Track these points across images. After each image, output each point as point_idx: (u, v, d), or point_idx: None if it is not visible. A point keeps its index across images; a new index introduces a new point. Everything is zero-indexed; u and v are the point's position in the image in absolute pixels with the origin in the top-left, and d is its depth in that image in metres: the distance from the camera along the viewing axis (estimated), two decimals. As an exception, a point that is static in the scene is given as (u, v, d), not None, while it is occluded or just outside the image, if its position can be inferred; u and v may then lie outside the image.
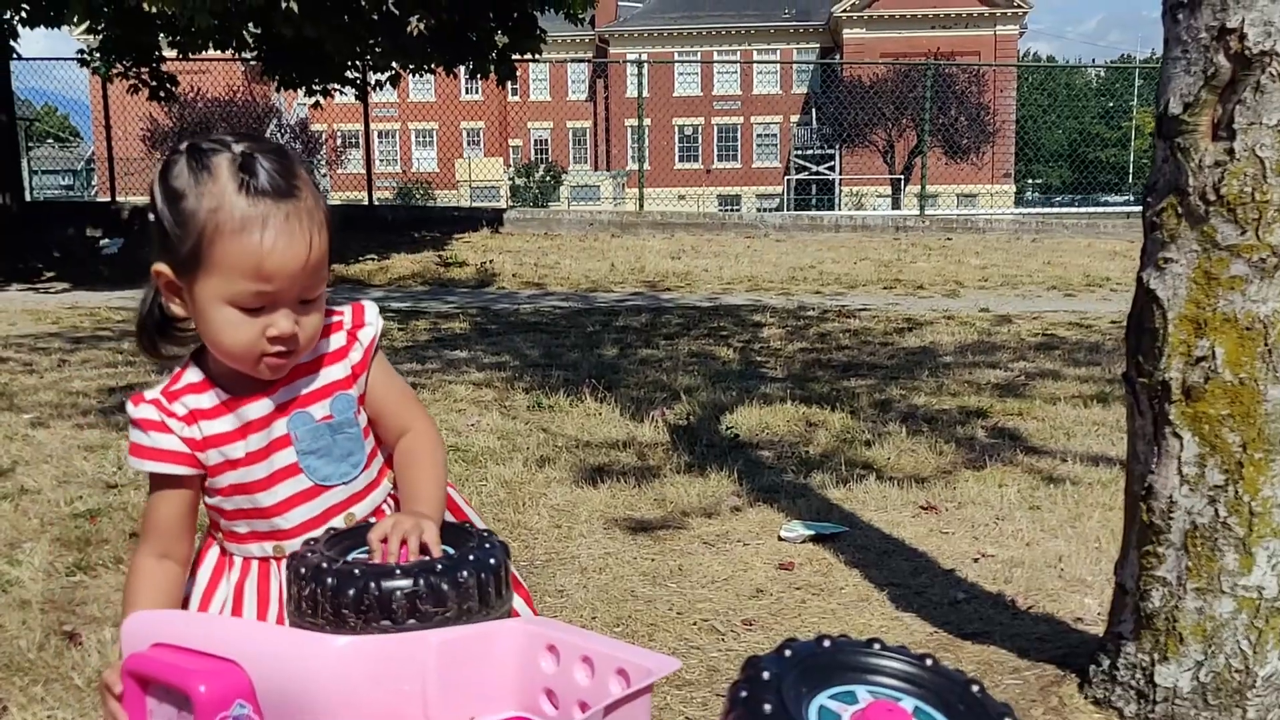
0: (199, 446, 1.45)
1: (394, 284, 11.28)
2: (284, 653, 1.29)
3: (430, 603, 1.36)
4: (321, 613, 1.35)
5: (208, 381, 1.45)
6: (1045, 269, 12.04)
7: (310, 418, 1.47)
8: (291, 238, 1.32)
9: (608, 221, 15.86)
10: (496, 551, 1.47)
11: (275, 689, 1.27)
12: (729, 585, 3.07)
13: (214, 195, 1.31)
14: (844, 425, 4.90)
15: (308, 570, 1.37)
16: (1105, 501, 3.75)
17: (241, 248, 1.31)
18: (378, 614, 1.34)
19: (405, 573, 1.37)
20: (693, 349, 7.03)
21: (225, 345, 1.38)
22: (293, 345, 1.39)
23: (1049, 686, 2.28)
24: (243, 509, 1.48)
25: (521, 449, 4.46)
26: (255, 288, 1.33)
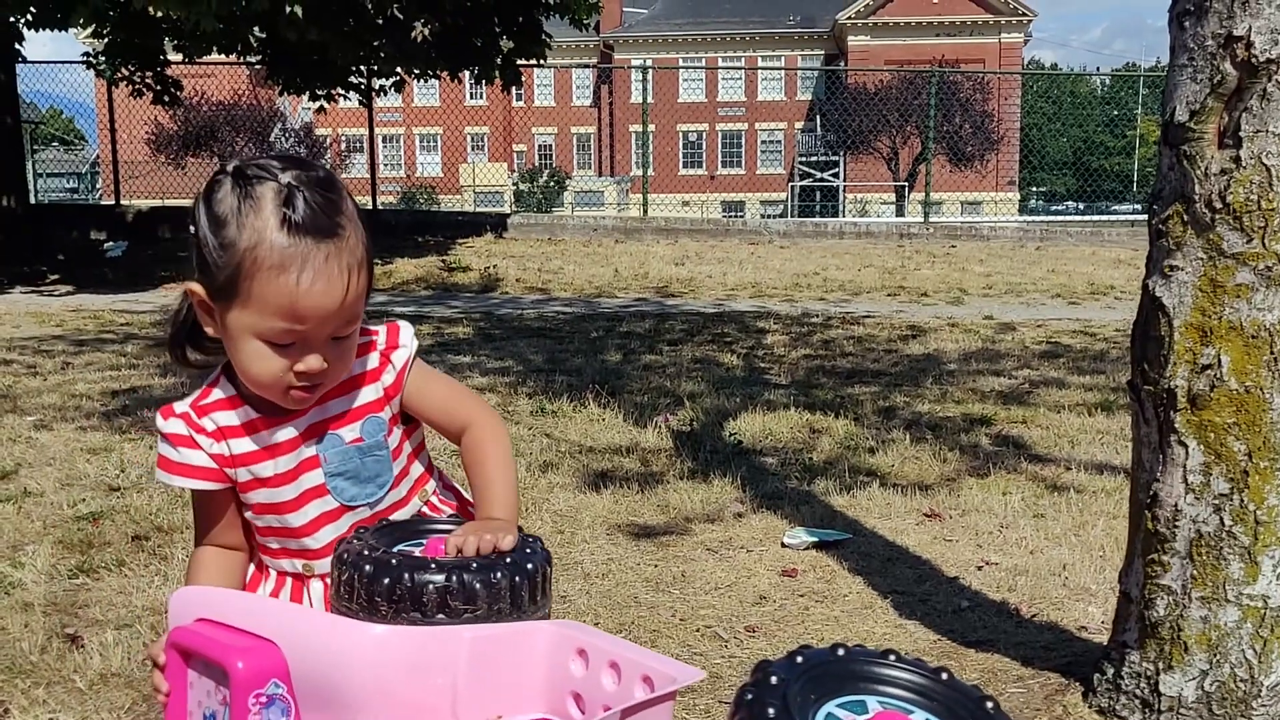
0: (228, 463, 1.45)
1: (397, 289, 11.28)
2: (322, 637, 1.30)
3: (460, 599, 1.37)
4: (357, 599, 1.37)
5: (238, 398, 1.45)
6: (1049, 277, 12.03)
7: (340, 440, 1.47)
8: (329, 281, 1.30)
9: (612, 227, 15.87)
10: (536, 557, 1.48)
11: (310, 671, 1.29)
12: (732, 592, 3.07)
13: (255, 229, 1.29)
14: (848, 432, 4.89)
15: (350, 556, 1.39)
16: (1109, 510, 3.74)
17: (277, 287, 1.29)
18: (409, 605, 1.36)
19: (440, 568, 1.38)
20: (696, 355, 7.02)
21: (252, 375, 1.37)
22: (320, 380, 1.38)
23: (1053, 695, 2.27)
24: (273, 527, 1.49)
25: (525, 454, 4.45)
26: (287, 326, 1.31)
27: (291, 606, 1.45)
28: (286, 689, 1.30)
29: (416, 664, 1.31)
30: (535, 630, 1.40)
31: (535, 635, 1.39)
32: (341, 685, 1.28)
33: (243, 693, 1.27)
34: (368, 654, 1.29)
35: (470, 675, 1.33)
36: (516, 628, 1.40)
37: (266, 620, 1.32)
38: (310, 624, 1.33)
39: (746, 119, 54.49)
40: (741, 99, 54.35)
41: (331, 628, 1.33)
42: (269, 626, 1.31)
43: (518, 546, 1.51)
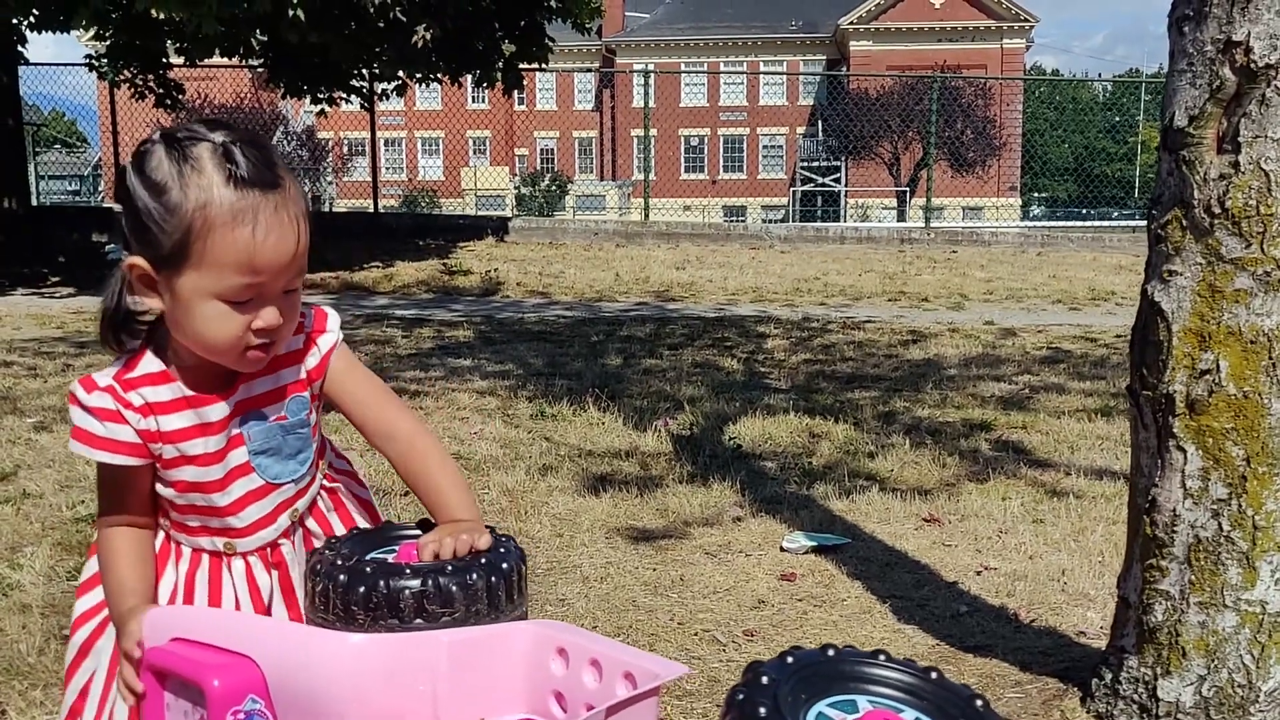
0: (154, 439, 1.42)
1: (399, 291, 11.29)
2: (299, 649, 1.30)
3: (437, 603, 1.37)
4: (333, 609, 1.36)
5: (168, 374, 1.42)
6: (1050, 282, 12.03)
7: (264, 417, 1.46)
8: (282, 230, 1.31)
9: (613, 231, 15.87)
10: (510, 556, 1.47)
11: (289, 684, 1.28)
12: (730, 596, 3.06)
13: (200, 188, 1.29)
14: (847, 437, 4.89)
15: (323, 566, 1.39)
16: (1109, 515, 3.74)
17: (233, 242, 1.29)
18: (386, 612, 1.35)
19: (415, 573, 1.38)
20: (697, 359, 7.02)
21: (209, 339, 1.36)
22: (275, 337, 1.38)
23: (1051, 700, 2.27)
24: (195, 505, 1.47)
25: (524, 457, 4.45)
26: (246, 281, 1.31)
27: (267, 620, 1.44)
28: (265, 704, 1.29)
29: (395, 671, 1.30)
30: (514, 631, 1.40)
31: (514, 636, 1.39)
32: (321, 696, 1.28)
33: (220, 710, 1.26)
34: (346, 664, 1.28)
35: (450, 679, 1.33)
36: (495, 629, 1.39)
37: (242, 635, 1.32)
38: (286, 636, 1.33)
39: (748, 124, 54.53)
40: (743, 104, 54.40)
41: (308, 639, 1.32)
42: (245, 642, 1.31)
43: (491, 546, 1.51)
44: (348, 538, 1.54)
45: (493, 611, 1.42)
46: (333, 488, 1.60)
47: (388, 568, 1.39)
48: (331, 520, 1.58)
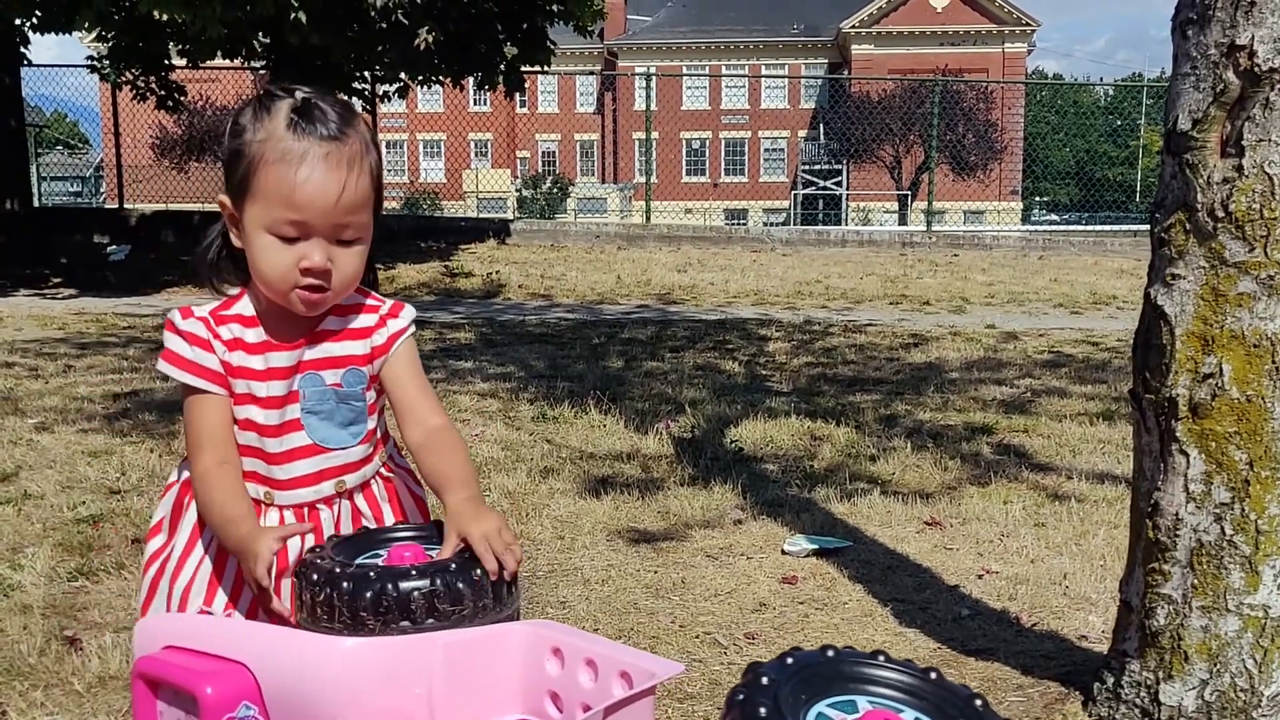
0: (233, 373, 1.51)
1: (400, 294, 11.29)
2: (291, 654, 1.29)
3: (448, 601, 1.37)
4: (339, 617, 1.35)
5: (255, 319, 1.53)
6: (1052, 286, 12.03)
7: (320, 380, 1.55)
8: (326, 175, 1.43)
9: (614, 234, 15.88)
10: None
11: (283, 690, 1.28)
12: (732, 599, 3.06)
13: (266, 130, 1.44)
14: (849, 440, 4.89)
15: (321, 576, 1.38)
16: (1110, 519, 3.74)
17: (278, 177, 1.43)
18: (397, 615, 1.35)
19: (421, 573, 1.38)
20: (698, 362, 7.02)
21: (263, 271, 1.47)
22: (325, 280, 1.47)
23: (1053, 704, 2.27)
24: (251, 446, 1.54)
25: (525, 460, 4.45)
26: (288, 216, 1.43)
27: (259, 626, 1.44)
28: (259, 710, 1.29)
29: (390, 674, 1.30)
30: (509, 632, 1.40)
31: (509, 637, 1.39)
32: (315, 701, 1.28)
33: (213, 717, 1.26)
34: (340, 668, 1.28)
35: (446, 681, 1.33)
36: (490, 630, 1.39)
37: (235, 642, 1.32)
38: (280, 642, 1.32)
39: (750, 127, 54.55)
40: (745, 107, 54.41)
41: (301, 644, 1.32)
42: (238, 648, 1.31)
43: None
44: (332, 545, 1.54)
45: (498, 605, 1.42)
46: (390, 478, 1.66)
47: (392, 571, 1.38)
48: (385, 510, 1.64)
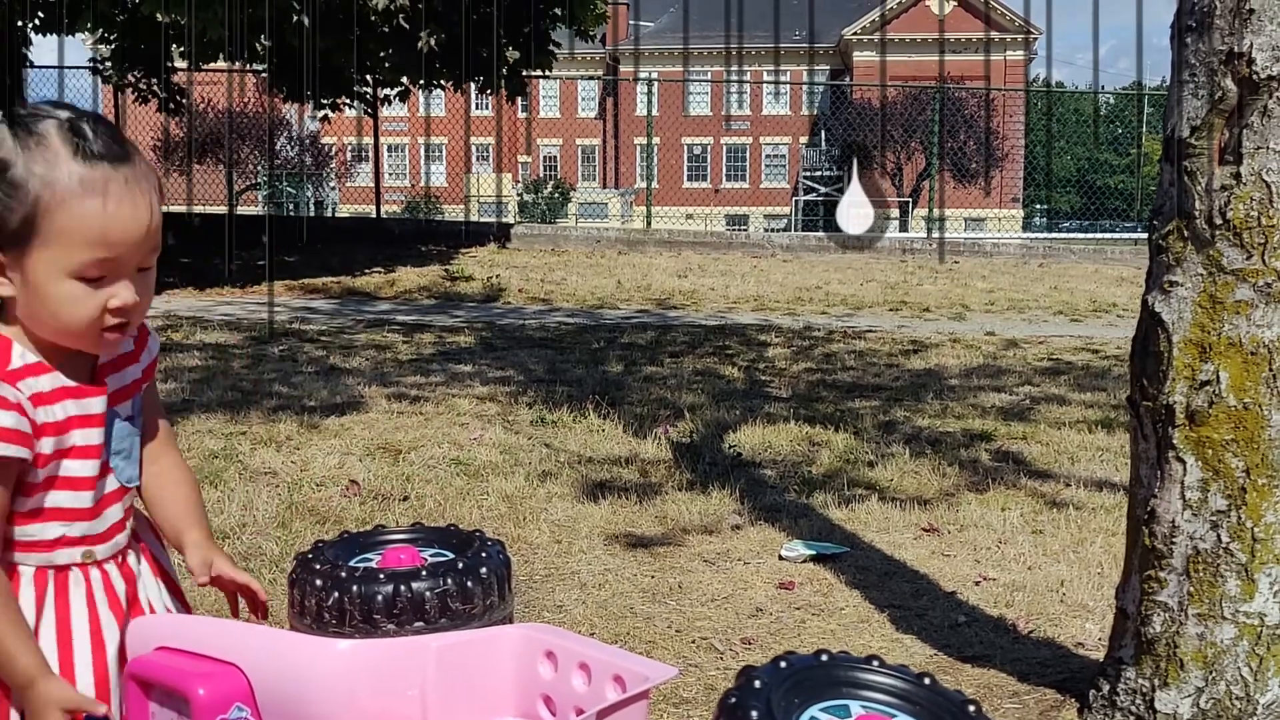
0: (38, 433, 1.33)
1: (400, 297, 11.29)
2: (285, 656, 1.29)
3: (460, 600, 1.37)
4: (350, 620, 1.35)
5: (43, 364, 1.34)
6: (1052, 294, 12.03)
7: (118, 415, 1.41)
8: (135, 203, 1.27)
9: (615, 239, 15.88)
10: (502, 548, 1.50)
11: (276, 691, 1.27)
12: (728, 604, 3.06)
13: (47, 163, 1.24)
14: (847, 446, 4.89)
15: (326, 580, 1.37)
16: (1108, 527, 3.73)
17: (84, 215, 1.25)
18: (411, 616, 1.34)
19: (431, 573, 1.37)
20: (698, 367, 7.02)
21: (65, 320, 1.30)
22: (131, 317, 1.33)
23: (1049, 711, 2.26)
24: (63, 508, 1.37)
25: (524, 464, 4.45)
26: (99, 256, 1.26)
27: (254, 627, 1.41)
28: (251, 711, 1.28)
29: (384, 676, 1.30)
30: (502, 635, 1.39)
31: (502, 640, 1.39)
32: (309, 702, 1.27)
33: (206, 718, 1.26)
34: (334, 669, 1.28)
35: (439, 684, 1.33)
36: (483, 634, 1.39)
37: (228, 643, 1.31)
38: (273, 644, 1.32)
39: (751, 133, 54.59)
40: (747, 113, 54.45)
41: (295, 645, 1.32)
42: (230, 649, 1.30)
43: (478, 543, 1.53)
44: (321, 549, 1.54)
45: (502, 602, 1.43)
46: None
47: (402, 573, 1.38)
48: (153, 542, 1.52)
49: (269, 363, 6.73)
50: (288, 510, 3.70)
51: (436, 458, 4.48)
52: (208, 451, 4.42)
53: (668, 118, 40.25)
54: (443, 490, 4.04)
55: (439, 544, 1.64)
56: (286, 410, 5.21)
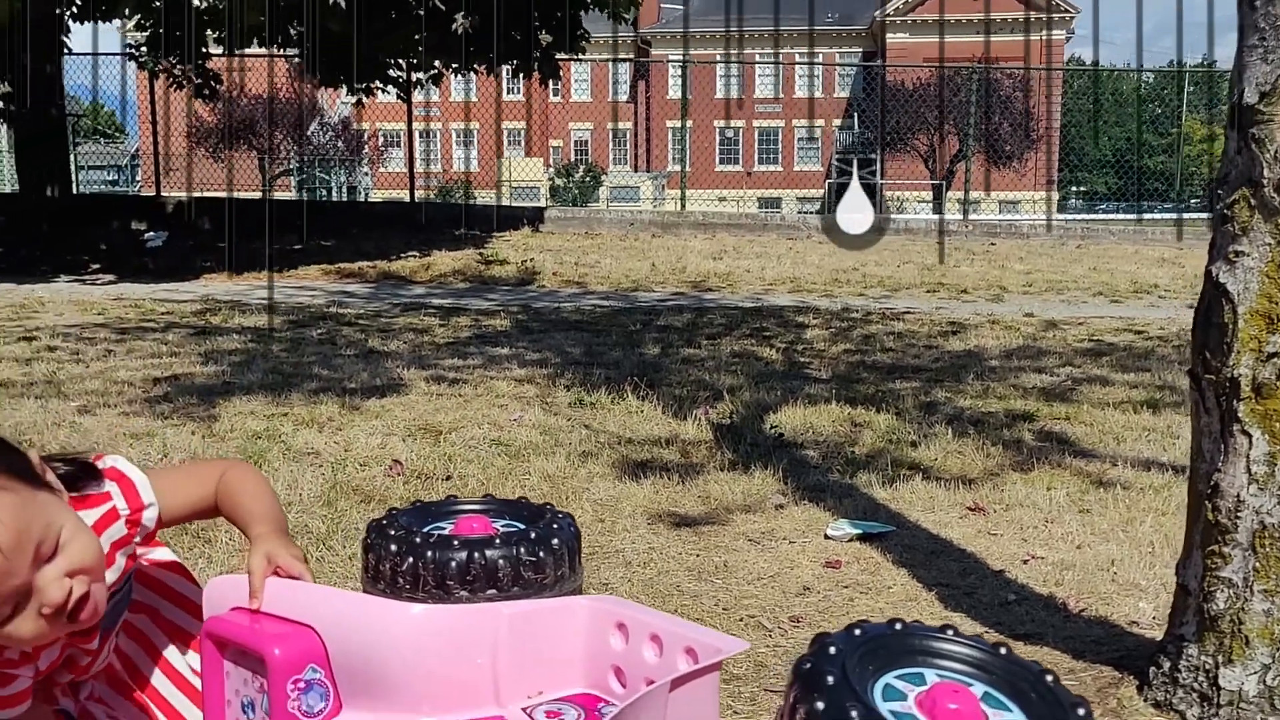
0: None
1: (435, 281, 11.32)
2: (359, 619, 1.29)
3: (532, 570, 1.36)
4: (423, 585, 1.35)
5: None
6: (1091, 275, 11.90)
7: None
8: None
9: (648, 221, 15.84)
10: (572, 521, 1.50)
11: (349, 654, 1.27)
12: (775, 582, 3.04)
13: None
14: (889, 426, 4.85)
15: (401, 546, 1.37)
16: (1158, 506, 3.69)
17: None
18: (484, 583, 1.34)
19: (505, 541, 1.37)
20: (735, 349, 6.99)
21: None
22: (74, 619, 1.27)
23: (1107, 688, 2.23)
24: None
25: (564, 444, 4.44)
26: None
27: (329, 590, 1.42)
28: (325, 673, 1.28)
29: (456, 642, 1.30)
30: (572, 605, 1.39)
31: (573, 610, 1.38)
32: (381, 666, 1.27)
33: (280, 679, 1.26)
34: (407, 634, 1.28)
35: (509, 652, 1.32)
36: (554, 603, 1.39)
37: (304, 605, 1.31)
38: (347, 606, 1.32)
39: (783, 115, 54.31)
40: (779, 95, 54.17)
41: (370, 609, 1.32)
42: (306, 611, 1.30)
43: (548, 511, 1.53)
44: (399, 516, 1.53)
45: (572, 574, 1.42)
46: None
47: (477, 539, 1.38)
48: None
49: (309, 345, 6.76)
50: (332, 489, 3.71)
51: (477, 438, 4.48)
52: (250, 432, 4.43)
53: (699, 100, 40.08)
54: (485, 470, 4.04)
55: (510, 515, 1.64)
56: (327, 392, 5.22)
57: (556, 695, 1.37)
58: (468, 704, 1.31)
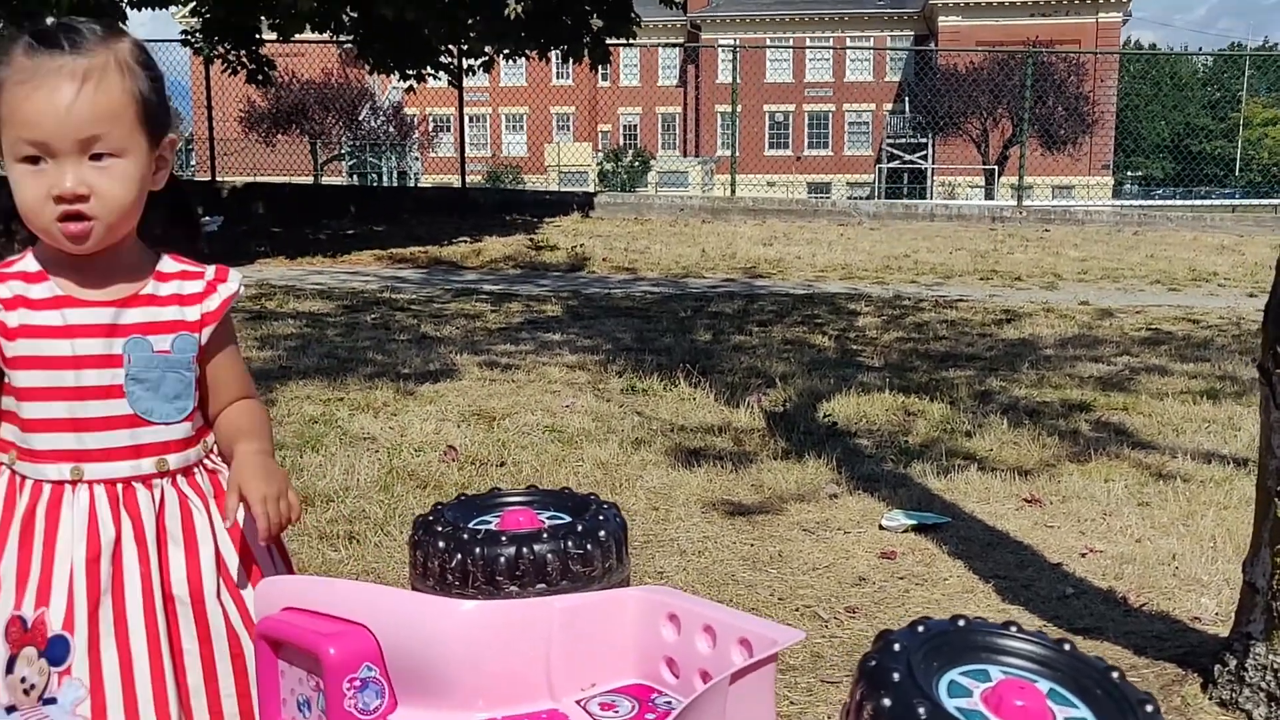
0: (8, 334, 1.41)
1: (487, 266, 11.36)
2: (411, 616, 1.30)
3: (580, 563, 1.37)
4: (472, 581, 1.36)
5: (43, 273, 1.43)
6: (1148, 262, 11.72)
7: (149, 346, 1.46)
8: (55, 88, 1.34)
9: (699, 207, 15.80)
10: (618, 512, 1.50)
11: (403, 652, 1.28)
12: (830, 572, 3.03)
13: (6, 58, 1.38)
14: (943, 415, 4.82)
15: (449, 543, 1.38)
16: (1220, 500, 3.63)
17: (12, 99, 1.36)
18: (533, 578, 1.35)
19: (552, 535, 1.38)
20: (787, 336, 6.96)
21: (20, 204, 1.39)
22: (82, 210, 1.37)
23: (1170, 686, 2.21)
24: (52, 419, 1.42)
25: (617, 431, 4.45)
26: (23, 135, 1.36)
27: (380, 588, 1.42)
28: (380, 671, 1.30)
29: (508, 637, 1.30)
30: (624, 597, 1.39)
31: (624, 602, 1.38)
32: (435, 663, 1.28)
33: (336, 678, 1.27)
34: (459, 630, 1.28)
35: (562, 645, 1.33)
36: (605, 595, 1.39)
37: (356, 604, 1.32)
38: (399, 604, 1.33)
39: (834, 100, 53.90)
40: (829, 79, 53.77)
41: (421, 606, 1.33)
42: (357, 610, 1.31)
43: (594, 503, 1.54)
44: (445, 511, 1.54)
45: (620, 566, 1.43)
46: (215, 470, 1.54)
47: (524, 534, 1.39)
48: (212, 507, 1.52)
49: (363, 330, 6.82)
50: (388, 475, 3.74)
51: (530, 424, 4.50)
52: (307, 417, 4.48)
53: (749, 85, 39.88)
54: (538, 457, 4.05)
55: (555, 507, 1.65)
56: (382, 377, 5.27)
57: (610, 687, 1.37)
58: (522, 698, 1.32)
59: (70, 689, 1.37)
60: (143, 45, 1.45)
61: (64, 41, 1.36)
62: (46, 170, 1.36)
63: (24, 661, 1.36)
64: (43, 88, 1.35)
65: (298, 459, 3.90)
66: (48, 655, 1.36)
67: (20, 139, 1.36)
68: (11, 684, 1.35)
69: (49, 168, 1.36)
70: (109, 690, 1.38)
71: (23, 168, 1.37)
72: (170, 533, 1.45)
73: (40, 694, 1.36)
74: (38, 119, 1.35)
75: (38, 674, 1.36)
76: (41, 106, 1.35)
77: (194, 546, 1.46)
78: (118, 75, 1.39)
